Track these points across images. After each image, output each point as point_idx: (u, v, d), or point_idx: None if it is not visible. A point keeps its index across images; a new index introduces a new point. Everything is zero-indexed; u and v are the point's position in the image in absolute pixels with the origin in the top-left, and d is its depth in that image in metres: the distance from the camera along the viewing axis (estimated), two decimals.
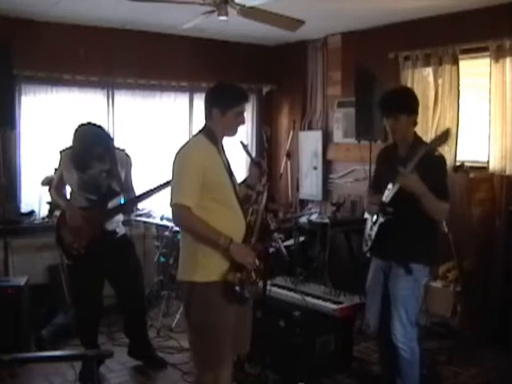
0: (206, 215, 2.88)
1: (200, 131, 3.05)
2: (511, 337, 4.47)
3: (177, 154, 2.97)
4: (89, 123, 3.99)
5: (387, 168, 3.51)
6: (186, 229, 2.99)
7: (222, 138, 3.06)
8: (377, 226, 3.49)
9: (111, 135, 4.12)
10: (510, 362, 4.35)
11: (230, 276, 2.89)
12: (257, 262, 2.99)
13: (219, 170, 2.96)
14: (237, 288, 2.90)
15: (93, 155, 3.92)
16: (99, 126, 4.03)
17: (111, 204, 4.05)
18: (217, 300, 2.89)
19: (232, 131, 3.04)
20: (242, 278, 2.92)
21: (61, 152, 4.07)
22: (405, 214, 3.34)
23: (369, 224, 3.62)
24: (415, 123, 3.46)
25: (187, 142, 3.04)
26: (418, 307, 3.61)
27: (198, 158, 2.90)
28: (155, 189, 4.04)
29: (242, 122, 3.04)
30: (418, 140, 3.47)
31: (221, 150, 3.04)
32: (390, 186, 3.39)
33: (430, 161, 3.25)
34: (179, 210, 2.88)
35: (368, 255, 3.68)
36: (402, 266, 3.39)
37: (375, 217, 3.52)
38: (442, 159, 3.43)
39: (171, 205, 2.91)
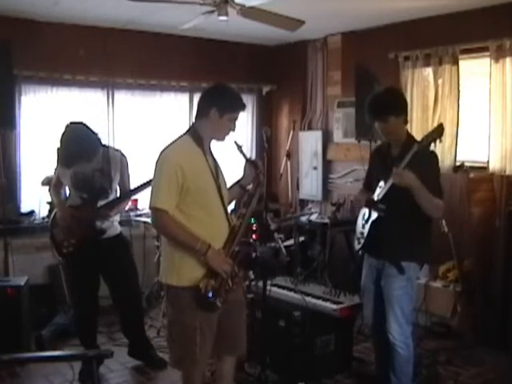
0: (185, 219, 2.87)
1: (186, 132, 3.02)
2: (511, 337, 4.48)
3: (160, 154, 2.93)
4: (73, 123, 3.89)
5: (380, 166, 3.54)
6: (163, 233, 3.01)
7: (211, 140, 3.02)
8: (369, 223, 3.50)
9: (97, 136, 3.93)
10: (510, 361, 4.36)
11: (202, 283, 2.86)
12: (236, 268, 2.94)
13: (201, 172, 2.92)
14: (209, 295, 2.86)
15: (70, 155, 3.84)
16: (82, 128, 3.87)
17: (101, 203, 4.02)
18: (186, 304, 2.88)
19: (222, 135, 3.01)
20: (215, 286, 2.88)
21: (57, 149, 4.03)
22: (397, 212, 3.32)
23: (360, 222, 3.63)
24: (406, 122, 3.48)
25: (171, 143, 2.98)
26: (413, 305, 3.62)
27: (177, 160, 2.85)
28: (138, 188, 4.01)
29: (234, 128, 3.01)
30: (410, 139, 3.46)
31: (207, 151, 3.00)
32: (381, 183, 3.41)
33: (422, 158, 3.25)
34: (156, 213, 2.88)
35: (360, 253, 3.71)
36: (394, 266, 3.39)
37: (367, 214, 3.53)
38: (434, 156, 3.43)
39: (149, 208, 2.92)
